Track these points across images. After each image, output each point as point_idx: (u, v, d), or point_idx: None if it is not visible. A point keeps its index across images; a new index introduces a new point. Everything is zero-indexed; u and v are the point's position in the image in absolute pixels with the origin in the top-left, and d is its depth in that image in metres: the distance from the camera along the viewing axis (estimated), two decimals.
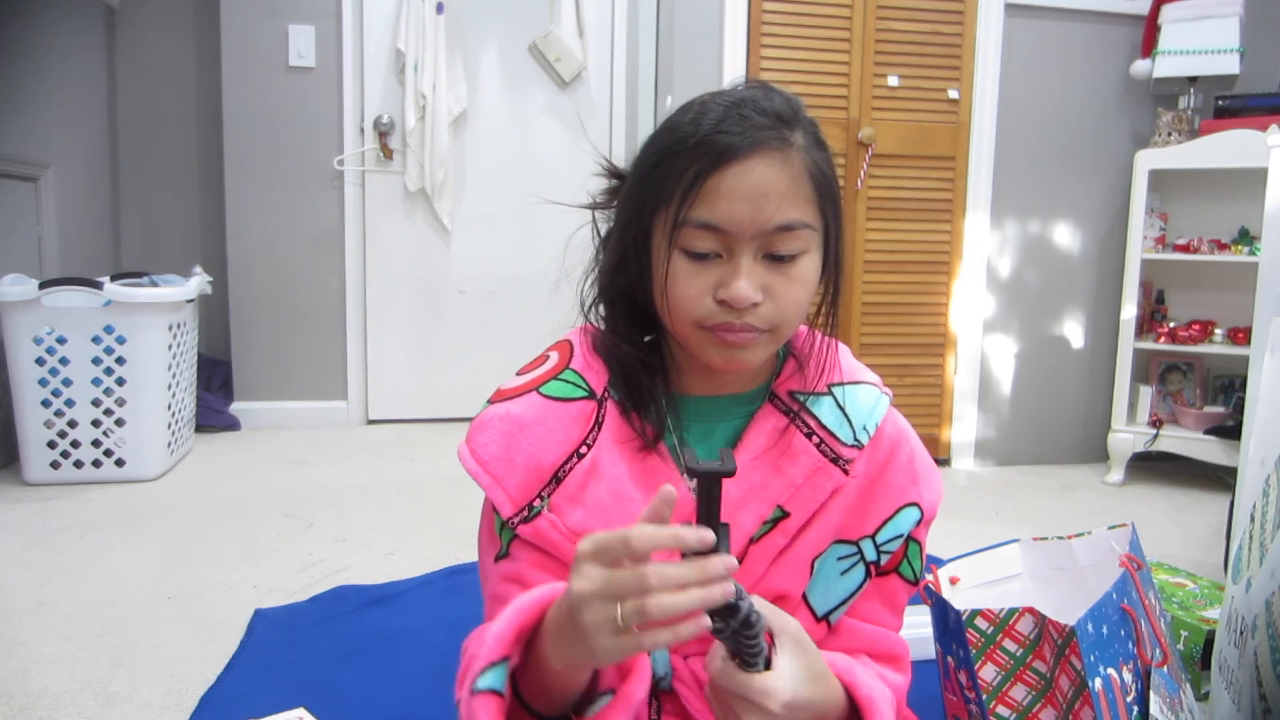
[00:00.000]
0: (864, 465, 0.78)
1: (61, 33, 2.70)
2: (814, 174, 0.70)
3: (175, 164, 3.14)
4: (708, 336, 0.71)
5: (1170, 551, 2.02)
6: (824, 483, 0.76)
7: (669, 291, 0.70)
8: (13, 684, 1.29)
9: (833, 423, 0.78)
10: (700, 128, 0.69)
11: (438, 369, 3.17)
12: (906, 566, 0.80)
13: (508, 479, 0.72)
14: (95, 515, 2.05)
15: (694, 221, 0.68)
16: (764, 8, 2.55)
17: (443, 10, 2.93)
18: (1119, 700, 0.92)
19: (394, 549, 1.90)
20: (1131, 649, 0.97)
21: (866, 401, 0.80)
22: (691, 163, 0.68)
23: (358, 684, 1.31)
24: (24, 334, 2.20)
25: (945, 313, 2.76)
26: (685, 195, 0.68)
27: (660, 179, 0.70)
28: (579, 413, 0.75)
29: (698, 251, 0.69)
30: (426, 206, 3.09)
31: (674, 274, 0.70)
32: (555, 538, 0.71)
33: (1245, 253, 2.53)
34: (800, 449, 0.76)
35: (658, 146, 0.72)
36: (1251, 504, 1.07)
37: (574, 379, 0.77)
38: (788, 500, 0.75)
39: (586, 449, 0.74)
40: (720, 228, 0.68)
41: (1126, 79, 2.77)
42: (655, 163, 0.71)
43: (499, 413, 0.75)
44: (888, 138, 2.64)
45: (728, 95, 0.72)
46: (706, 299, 0.69)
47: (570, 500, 0.72)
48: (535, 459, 0.72)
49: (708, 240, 0.68)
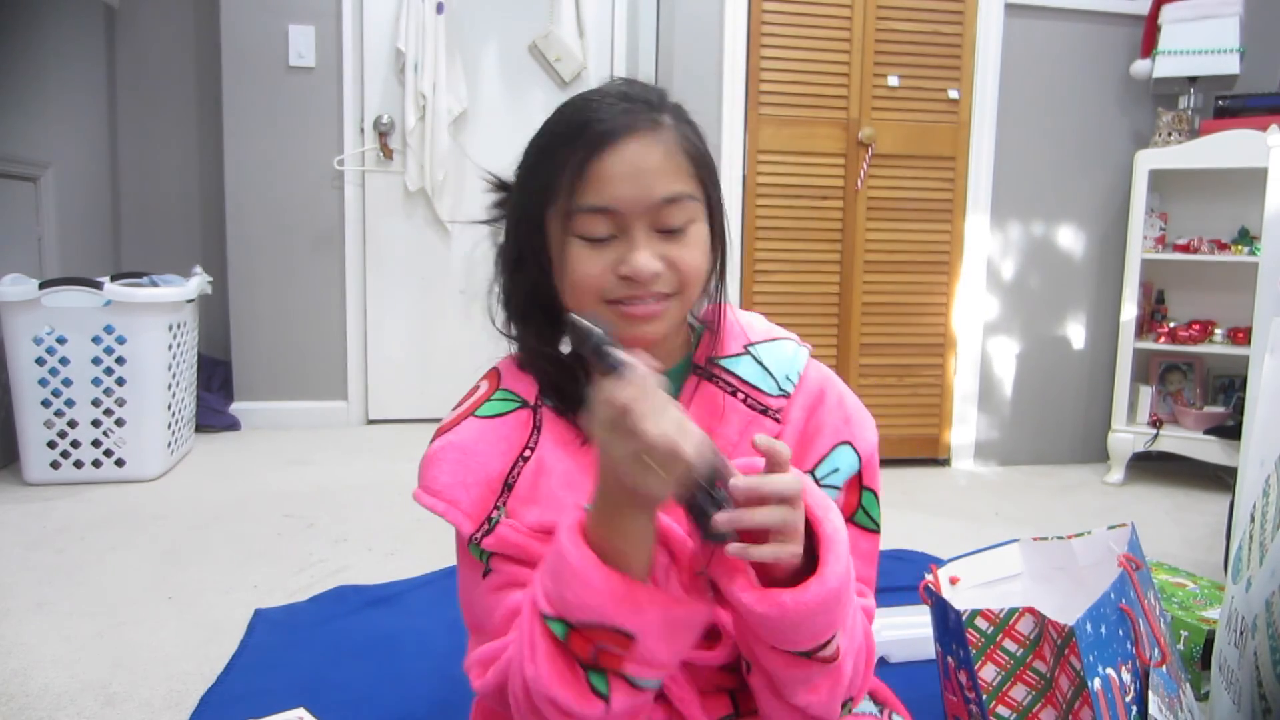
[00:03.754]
0: (797, 412, 0.81)
1: (61, 33, 2.70)
2: (687, 149, 0.75)
3: (175, 164, 3.14)
4: (615, 312, 0.74)
5: (1170, 551, 2.02)
6: (758, 434, 0.77)
7: (571, 275, 0.74)
8: (13, 684, 1.29)
9: (754, 376, 0.81)
10: (574, 120, 0.73)
11: (438, 369, 3.17)
12: (863, 515, 0.83)
13: (462, 500, 0.74)
14: (95, 515, 2.05)
15: (585, 207, 0.72)
16: (764, 8, 2.55)
17: (443, 10, 2.93)
18: (1118, 700, 0.92)
19: (394, 549, 1.90)
20: (1130, 649, 0.97)
21: (785, 354, 0.84)
22: (571, 153, 0.72)
23: (358, 684, 1.31)
24: (24, 334, 2.20)
25: (946, 313, 2.76)
26: (572, 184, 0.72)
27: (545, 174, 0.74)
28: (516, 421, 0.78)
29: (594, 236, 0.73)
30: (426, 206, 3.09)
31: (574, 259, 0.73)
32: (518, 539, 0.73)
33: (1245, 253, 2.53)
34: (729, 407, 0.80)
35: (537, 146, 0.77)
36: (1251, 504, 1.07)
37: (506, 395, 0.80)
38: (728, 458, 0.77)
39: (530, 451, 0.77)
40: (611, 208, 0.72)
41: (1126, 79, 2.77)
42: (536, 160, 0.76)
43: (441, 445, 0.78)
44: (888, 138, 2.64)
45: (597, 91, 0.77)
46: (609, 276, 0.73)
47: (524, 501, 0.74)
48: (484, 474, 0.75)
49: (601, 224, 0.72)
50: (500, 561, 0.75)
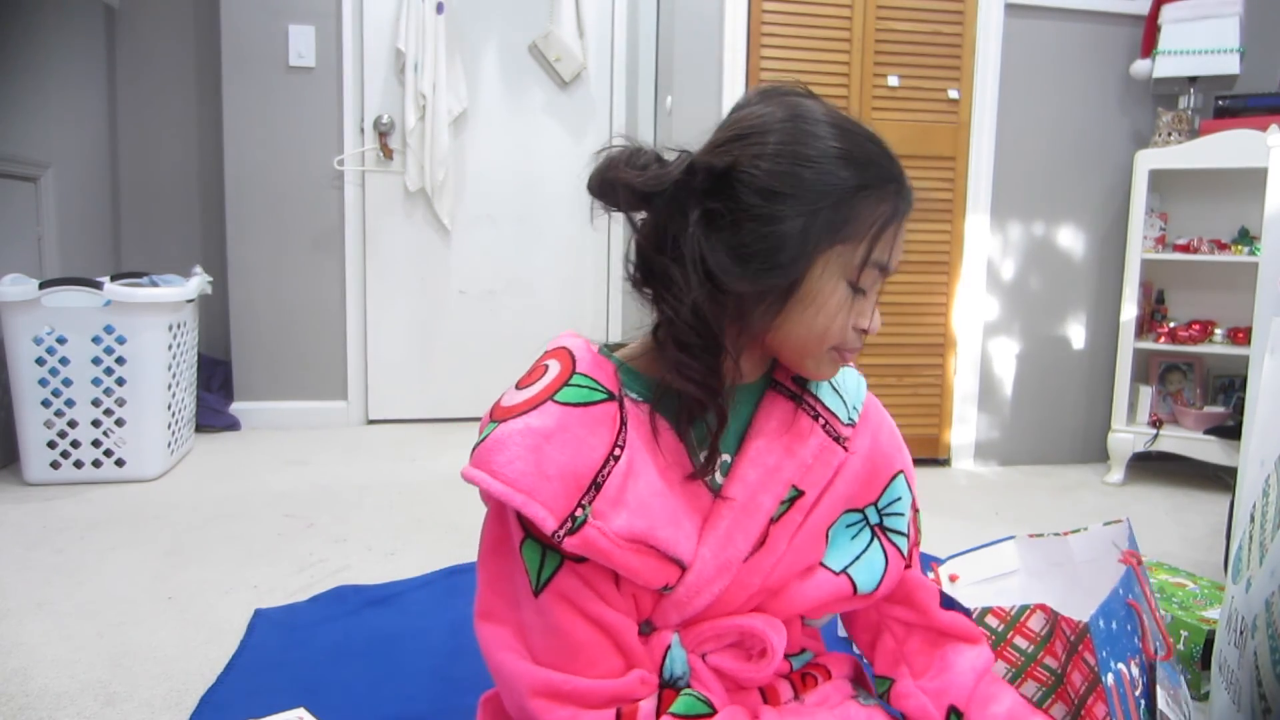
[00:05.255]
0: (863, 441, 0.84)
1: (61, 33, 2.70)
2: None
3: (175, 164, 3.14)
4: (832, 356, 0.77)
5: (1170, 551, 2.01)
6: (830, 460, 0.81)
7: (823, 316, 0.74)
8: (13, 684, 1.29)
9: (833, 404, 0.83)
10: (891, 172, 0.75)
11: (438, 369, 3.17)
12: (919, 535, 0.90)
13: (542, 493, 0.67)
14: (95, 515, 2.05)
15: (878, 263, 0.74)
16: (764, 8, 2.55)
17: (443, 10, 2.93)
18: (1129, 695, 0.92)
19: (394, 549, 1.90)
20: (1137, 644, 0.97)
21: (854, 383, 0.87)
22: (890, 207, 0.74)
23: (358, 684, 1.31)
24: (24, 334, 2.20)
25: (946, 313, 2.76)
26: (877, 236, 0.73)
27: (850, 213, 0.72)
28: (603, 414, 0.72)
29: (863, 289, 0.75)
30: (426, 206, 3.09)
31: (838, 305, 0.74)
32: (604, 545, 0.69)
33: (1245, 253, 2.53)
34: (808, 430, 0.81)
35: (842, 178, 0.72)
36: (1251, 504, 1.07)
37: (587, 383, 0.73)
38: (801, 479, 0.79)
39: (620, 450, 0.71)
40: (889, 270, 0.76)
41: (1126, 79, 2.77)
42: (837, 192, 0.72)
43: (517, 428, 0.69)
44: (888, 138, 2.58)
45: (870, 135, 0.77)
46: (849, 327, 0.76)
47: (612, 504, 0.69)
48: (569, 468, 0.69)
49: (876, 279, 0.76)
50: (566, 580, 0.70)
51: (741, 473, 0.77)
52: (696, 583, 0.74)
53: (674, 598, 0.74)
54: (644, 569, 0.71)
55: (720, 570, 0.74)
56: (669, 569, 0.73)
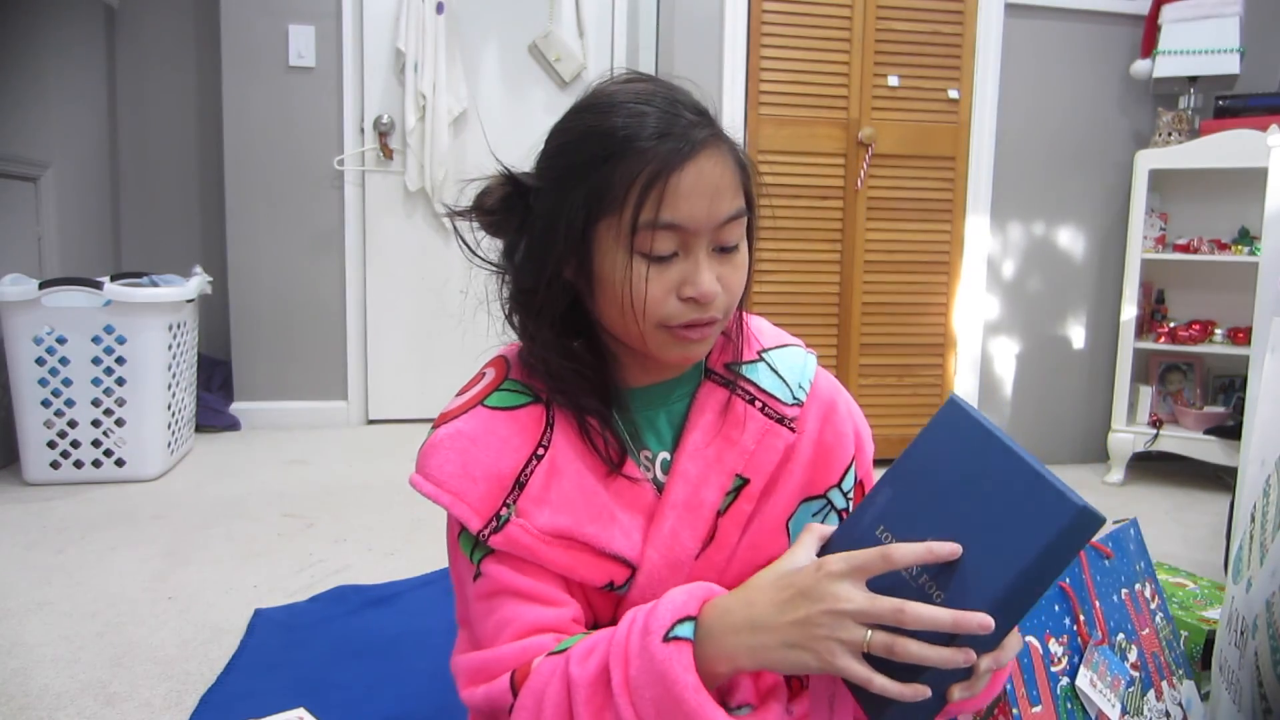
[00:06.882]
0: (812, 422, 0.80)
1: (61, 33, 2.70)
2: (739, 161, 0.73)
3: (175, 164, 3.14)
4: (669, 335, 0.72)
5: (1170, 551, 2.02)
6: (775, 443, 0.78)
7: (632, 296, 0.69)
8: (13, 684, 1.29)
9: (770, 385, 0.80)
10: (644, 130, 0.68)
11: (438, 369, 3.17)
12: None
13: (469, 494, 0.71)
14: (95, 515, 2.05)
15: (658, 223, 0.68)
16: (764, 8, 2.55)
17: (443, 10, 2.93)
18: (1038, 667, 0.96)
19: (394, 549, 1.90)
20: (1068, 624, 1.00)
21: (796, 361, 0.83)
22: (643, 166, 0.67)
23: (358, 684, 1.31)
24: (24, 334, 2.20)
25: (946, 313, 2.76)
26: (641, 199, 0.67)
27: (602, 185, 0.69)
28: (529, 417, 0.75)
29: (659, 254, 0.69)
30: (426, 206, 3.09)
31: (636, 278, 0.69)
32: (527, 541, 0.71)
33: (1245, 253, 2.53)
34: (746, 415, 0.78)
35: (589, 153, 0.70)
36: (1251, 504, 1.07)
37: (516, 387, 0.77)
38: (744, 467, 0.76)
39: (544, 449, 0.73)
40: (683, 226, 0.68)
41: (1126, 79, 2.77)
42: (582, 166, 0.70)
43: (447, 433, 0.73)
44: (888, 138, 2.64)
45: (650, 93, 0.72)
46: (671, 299, 0.70)
47: (536, 502, 0.72)
48: (493, 469, 0.71)
49: (669, 241, 0.69)
50: (492, 565, 0.72)
51: (682, 469, 0.76)
52: (647, 583, 0.73)
53: (629, 599, 0.74)
54: (578, 565, 0.71)
55: (671, 569, 0.74)
56: (609, 566, 0.72)
